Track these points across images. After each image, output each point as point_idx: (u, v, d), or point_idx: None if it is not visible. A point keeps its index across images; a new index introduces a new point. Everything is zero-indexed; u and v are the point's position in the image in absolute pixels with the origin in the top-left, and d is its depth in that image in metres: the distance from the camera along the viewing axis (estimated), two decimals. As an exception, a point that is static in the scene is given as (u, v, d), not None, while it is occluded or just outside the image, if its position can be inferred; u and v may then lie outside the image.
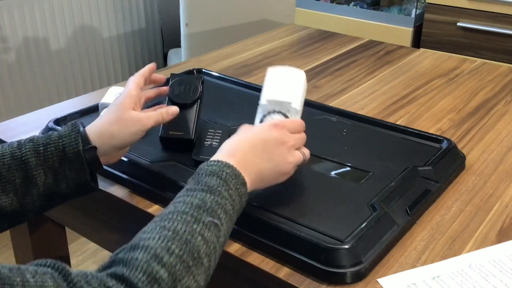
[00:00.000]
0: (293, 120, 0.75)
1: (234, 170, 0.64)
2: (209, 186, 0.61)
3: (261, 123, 0.74)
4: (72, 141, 0.69)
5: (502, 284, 0.64)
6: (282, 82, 0.79)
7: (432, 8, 2.15)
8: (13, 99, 2.15)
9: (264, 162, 0.68)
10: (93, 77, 2.45)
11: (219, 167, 0.63)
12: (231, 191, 0.62)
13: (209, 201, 0.59)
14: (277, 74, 0.81)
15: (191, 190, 0.61)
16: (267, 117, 0.77)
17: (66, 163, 0.68)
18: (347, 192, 0.78)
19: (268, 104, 0.77)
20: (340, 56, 1.39)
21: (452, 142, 0.90)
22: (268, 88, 0.79)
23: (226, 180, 0.62)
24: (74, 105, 1.10)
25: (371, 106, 1.10)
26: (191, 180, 0.63)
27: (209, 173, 0.62)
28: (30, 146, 0.68)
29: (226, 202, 0.60)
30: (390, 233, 0.70)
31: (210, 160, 0.65)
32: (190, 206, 0.58)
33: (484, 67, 1.34)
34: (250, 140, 0.69)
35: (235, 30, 1.95)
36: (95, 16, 2.37)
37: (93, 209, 0.90)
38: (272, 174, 0.69)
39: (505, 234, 0.73)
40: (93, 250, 1.88)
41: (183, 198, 0.60)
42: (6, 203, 0.66)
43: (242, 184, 0.64)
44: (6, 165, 0.66)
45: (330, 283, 0.64)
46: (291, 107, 0.76)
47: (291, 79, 0.80)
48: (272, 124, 0.71)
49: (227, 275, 0.73)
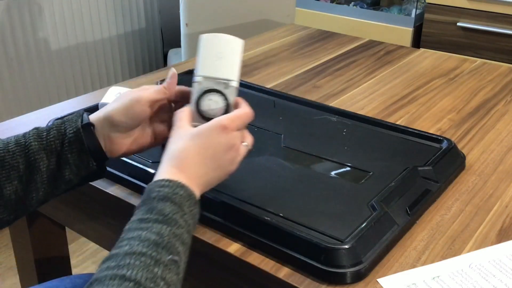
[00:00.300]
0: (239, 115, 0.69)
1: (187, 190, 0.60)
2: (164, 215, 0.57)
3: (207, 125, 0.66)
4: (72, 122, 0.69)
5: (502, 284, 0.64)
6: (218, 54, 0.73)
7: (432, 8, 2.15)
8: (13, 99, 2.15)
9: (212, 171, 0.65)
10: (93, 77, 2.45)
11: (172, 189, 0.59)
12: (186, 216, 0.59)
13: (166, 235, 0.55)
14: (212, 43, 0.74)
15: (145, 221, 0.57)
16: (205, 99, 0.71)
17: (66, 145, 0.68)
18: (347, 192, 0.78)
19: (204, 81, 0.72)
20: (340, 56, 1.39)
21: (452, 142, 0.90)
22: (203, 61, 0.73)
23: (180, 204, 0.59)
24: (74, 105, 1.10)
25: (371, 106, 1.10)
26: (143, 205, 0.59)
27: (161, 197, 0.58)
28: (34, 132, 0.68)
29: (182, 231, 0.57)
30: (390, 233, 0.70)
31: (161, 180, 0.61)
32: (148, 245, 0.54)
33: (484, 67, 1.34)
34: (199, 152, 0.64)
35: (235, 30, 1.95)
36: (95, 16, 2.37)
37: (93, 209, 0.90)
38: (220, 179, 0.67)
39: (505, 234, 0.73)
40: (93, 250, 1.88)
41: (138, 233, 0.55)
42: (11, 191, 0.65)
43: (195, 204, 0.61)
44: (10, 151, 0.66)
45: (330, 283, 0.64)
46: (229, 85, 0.72)
47: (228, 49, 0.74)
48: (220, 127, 0.66)
49: (227, 275, 0.73)
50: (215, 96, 0.72)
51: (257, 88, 1.10)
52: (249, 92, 1.09)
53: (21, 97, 2.17)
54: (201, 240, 0.71)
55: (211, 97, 0.72)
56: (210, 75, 0.72)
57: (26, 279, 1.09)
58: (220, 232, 0.72)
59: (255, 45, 1.47)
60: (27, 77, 2.17)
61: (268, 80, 1.22)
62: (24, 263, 1.07)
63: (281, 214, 0.72)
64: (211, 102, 0.72)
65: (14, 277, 1.74)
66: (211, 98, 0.72)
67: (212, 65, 0.72)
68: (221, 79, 0.72)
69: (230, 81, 0.72)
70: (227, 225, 0.72)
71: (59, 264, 1.08)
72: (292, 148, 0.89)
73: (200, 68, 0.72)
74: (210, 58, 0.73)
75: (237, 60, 0.74)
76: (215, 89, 0.72)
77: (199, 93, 0.72)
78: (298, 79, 1.24)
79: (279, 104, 1.04)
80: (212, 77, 0.72)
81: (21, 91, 2.17)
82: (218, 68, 0.72)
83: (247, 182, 0.80)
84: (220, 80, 0.72)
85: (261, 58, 1.37)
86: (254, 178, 0.81)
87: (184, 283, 0.81)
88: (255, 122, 0.97)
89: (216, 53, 0.73)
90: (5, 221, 0.67)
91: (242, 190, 0.77)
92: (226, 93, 0.72)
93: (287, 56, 1.39)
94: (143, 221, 0.57)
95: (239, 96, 0.73)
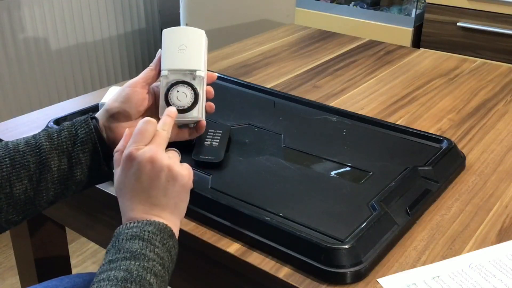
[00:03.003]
0: (133, 133, 0.64)
1: (157, 225, 0.59)
2: (131, 252, 0.56)
3: (118, 170, 0.64)
4: (83, 123, 0.70)
5: (502, 284, 0.64)
6: (181, 46, 0.72)
7: (432, 8, 2.15)
8: (13, 99, 2.15)
9: (163, 197, 0.62)
10: (93, 77, 2.45)
11: (140, 228, 0.58)
12: (158, 249, 0.58)
13: (135, 270, 0.54)
14: (173, 36, 0.73)
15: (113, 262, 0.56)
16: (173, 91, 0.71)
17: (78, 145, 0.68)
18: (347, 192, 0.78)
19: (170, 74, 0.72)
20: (340, 56, 1.39)
21: (452, 142, 0.90)
22: (167, 54, 0.72)
23: (149, 240, 0.57)
24: (74, 105, 1.10)
25: (371, 106, 1.10)
26: (111, 248, 0.58)
27: (129, 237, 0.58)
28: (44, 133, 0.69)
29: (154, 263, 0.56)
30: (390, 233, 0.70)
31: (130, 222, 0.60)
32: (116, 283, 0.53)
33: (484, 67, 1.34)
34: (134, 190, 0.62)
35: (235, 30, 1.95)
36: (95, 16, 2.37)
37: (93, 209, 0.90)
38: (183, 200, 0.65)
39: (505, 234, 0.73)
40: (93, 250, 1.88)
41: (107, 274, 0.54)
42: (20, 190, 0.66)
43: (169, 237, 0.60)
44: (20, 151, 0.67)
45: (330, 283, 0.64)
46: (196, 75, 0.72)
47: (190, 40, 0.73)
48: (124, 160, 0.62)
49: (227, 275, 0.73)
50: (182, 87, 0.72)
51: (257, 88, 1.10)
52: (249, 92, 1.09)
53: (21, 97, 2.17)
54: (201, 240, 0.71)
55: (179, 89, 0.72)
56: (175, 67, 0.72)
57: (26, 279, 1.09)
58: (220, 232, 0.72)
59: (255, 45, 1.47)
60: (27, 77, 2.17)
61: (268, 80, 1.22)
62: (24, 263, 1.07)
63: (281, 214, 0.72)
64: (179, 94, 0.72)
65: (14, 277, 1.74)
66: (178, 90, 0.72)
67: (176, 58, 0.72)
68: (187, 70, 0.72)
69: (196, 70, 0.72)
70: (227, 225, 0.72)
71: (59, 264, 1.08)
72: (292, 148, 0.89)
73: (165, 61, 0.72)
74: (173, 51, 0.72)
75: (201, 50, 0.73)
76: (182, 80, 0.71)
77: (167, 87, 0.71)
78: (298, 79, 1.24)
79: (279, 104, 1.04)
80: (177, 69, 0.72)
81: (21, 91, 2.17)
82: (182, 60, 0.72)
83: (247, 182, 0.80)
84: (185, 71, 0.72)
85: (261, 58, 1.37)
86: (254, 178, 0.81)
87: (184, 283, 0.81)
88: (255, 122, 0.97)
89: (179, 45, 0.72)
90: (13, 221, 0.67)
91: (242, 190, 0.77)
92: (193, 84, 0.72)
93: (287, 56, 1.39)
94: (112, 261, 0.56)
95: (239, 95, 0.73)
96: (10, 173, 0.65)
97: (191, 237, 0.72)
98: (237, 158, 0.85)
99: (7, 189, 0.65)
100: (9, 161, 0.66)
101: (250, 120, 0.98)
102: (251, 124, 0.97)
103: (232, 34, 1.92)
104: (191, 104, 0.72)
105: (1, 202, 0.65)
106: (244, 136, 0.92)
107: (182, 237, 0.65)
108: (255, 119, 0.98)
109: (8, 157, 0.66)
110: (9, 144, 0.68)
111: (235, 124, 0.96)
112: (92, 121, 0.70)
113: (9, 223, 0.67)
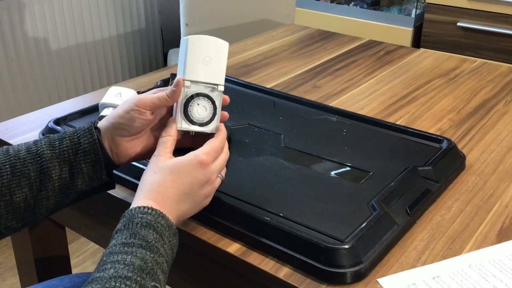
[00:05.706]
0: (215, 147, 0.69)
1: (167, 221, 0.62)
2: (147, 242, 0.58)
3: (185, 160, 0.66)
4: (87, 132, 0.69)
5: (502, 284, 0.64)
6: (206, 58, 0.72)
7: (432, 8, 2.15)
8: (13, 99, 2.15)
9: (187, 205, 0.66)
10: (93, 77, 2.44)
11: (154, 218, 0.60)
12: (166, 245, 0.60)
13: (149, 261, 0.56)
14: (198, 46, 0.72)
15: (129, 246, 0.57)
16: (193, 103, 0.71)
17: (81, 155, 0.68)
18: (347, 192, 0.78)
19: (192, 85, 0.72)
20: (340, 56, 1.39)
21: (452, 142, 0.90)
22: (190, 64, 0.72)
23: (161, 233, 0.60)
24: (74, 105, 1.10)
25: (371, 106, 1.10)
26: (124, 229, 0.59)
27: (144, 224, 0.59)
28: (45, 141, 0.68)
29: (163, 260, 0.58)
30: (390, 233, 0.70)
31: (144, 206, 0.61)
32: (133, 269, 0.54)
33: (484, 67, 1.34)
34: (176, 187, 0.65)
35: (235, 30, 1.95)
36: (95, 16, 2.37)
37: (93, 209, 0.90)
38: (194, 212, 0.68)
39: (505, 234, 0.73)
40: (93, 250, 1.88)
41: (123, 256, 0.56)
42: (20, 198, 0.65)
43: (173, 235, 0.62)
44: (21, 159, 0.66)
45: (330, 283, 0.64)
46: (217, 90, 0.72)
47: (215, 52, 0.73)
48: (197, 163, 0.66)
49: (227, 275, 0.73)
50: (203, 100, 0.72)
51: (257, 88, 1.10)
52: (249, 92, 1.09)
53: (21, 97, 2.17)
54: (201, 240, 0.71)
55: (199, 101, 0.72)
56: (198, 79, 0.72)
57: (26, 279, 1.09)
58: (220, 232, 0.72)
59: (255, 45, 1.47)
60: (27, 77, 2.17)
61: (268, 80, 1.22)
62: (24, 263, 1.06)
63: (281, 214, 0.72)
64: (199, 107, 0.72)
65: (14, 277, 1.74)
66: (199, 103, 0.72)
67: (200, 70, 0.72)
68: (210, 83, 0.72)
69: (218, 85, 0.72)
70: (227, 225, 0.72)
71: (59, 264, 1.08)
72: (292, 148, 0.89)
73: (188, 71, 0.71)
74: (197, 62, 0.72)
75: (224, 64, 0.73)
76: (203, 93, 0.72)
77: (187, 98, 0.71)
78: (298, 79, 1.24)
79: (279, 104, 1.04)
80: (200, 81, 0.72)
81: (21, 91, 2.17)
82: (206, 73, 0.72)
83: (248, 182, 0.80)
84: (208, 84, 0.72)
85: (261, 58, 1.37)
86: (254, 178, 0.81)
87: (184, 283, 0.81)
88: (255, 122, 0.97)
89: (204, 57, 0.72)
90: (13, 228, 0.67)
91: (242, 190, 0.77)
92: (213, 97, 0.72)
93: (287, 56, 1.39)
94: (127, 245, 0.57)
95: (239, 95, 0.73)
96: (10, 181, 0.65)
97: (191, 237, 0.72)
98: (237, 158, 0.85)
99: (7, 197, 0.65)
100: (9, 168, 0.65)
101: (250, 120, 0.98)
102: (251, 124, 0.97)
103: (232, 34, 1.92)
104: (209, 118, 0.72)
105: (1, 209, 0.65)
106: (244, 136, 0.92)
107: (182, 237, 0.65)
108: (255, 119, 0.98)
109: (9, 164, 0.65)
110: (10, 150, 0.67)
111: (235, 124, 0.96)
112: (95, 130, 0.70)
113: (9, 229, 0.67)
